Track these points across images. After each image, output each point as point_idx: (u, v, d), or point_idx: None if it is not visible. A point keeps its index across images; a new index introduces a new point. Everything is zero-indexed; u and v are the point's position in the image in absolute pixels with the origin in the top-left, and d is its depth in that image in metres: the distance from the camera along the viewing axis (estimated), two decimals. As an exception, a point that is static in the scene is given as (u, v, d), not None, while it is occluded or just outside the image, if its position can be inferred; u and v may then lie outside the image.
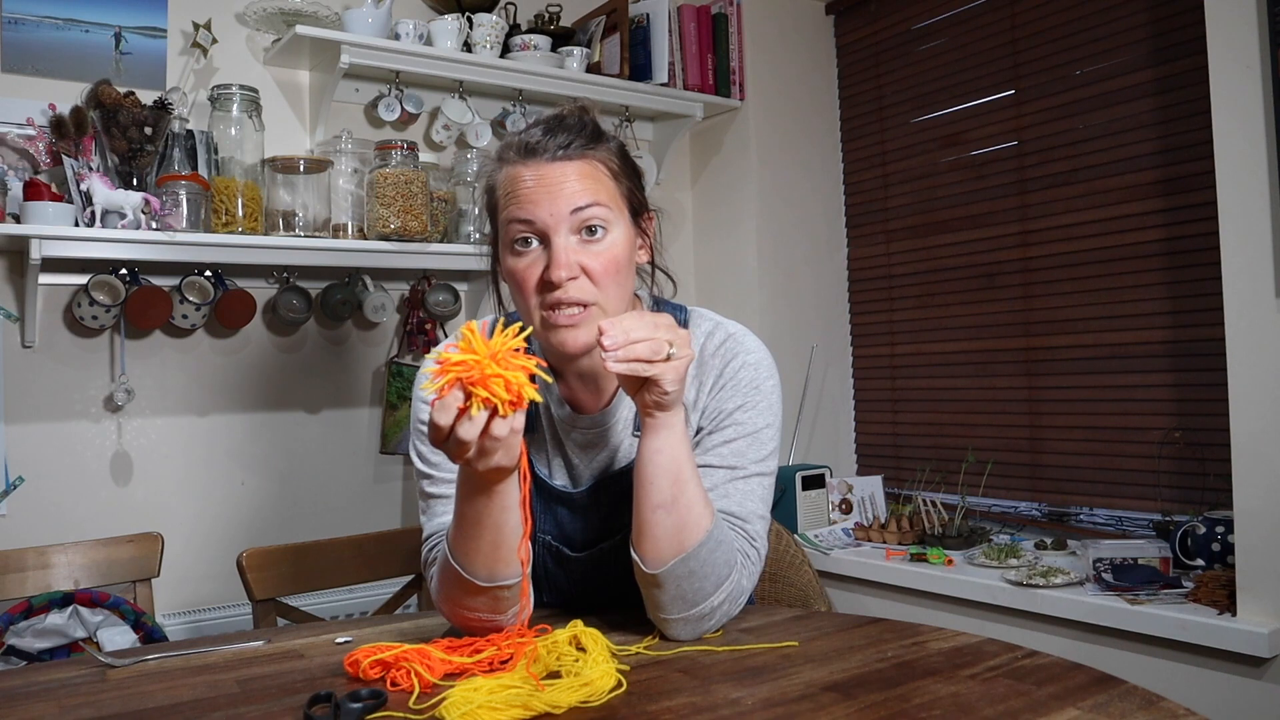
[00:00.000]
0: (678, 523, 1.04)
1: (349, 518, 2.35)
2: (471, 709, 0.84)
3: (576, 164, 1.11)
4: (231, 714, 0.89)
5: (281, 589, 1.55)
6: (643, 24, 2.68)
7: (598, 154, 1.13)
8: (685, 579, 1.05)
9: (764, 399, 1.18)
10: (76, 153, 1.91)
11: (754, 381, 1.18)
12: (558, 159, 1.10)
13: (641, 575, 1.07)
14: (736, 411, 1.17)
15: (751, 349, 1.21)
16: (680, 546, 1.04)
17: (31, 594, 1.61)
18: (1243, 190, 1.79)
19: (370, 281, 2.33)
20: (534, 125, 1.15)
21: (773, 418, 1.19)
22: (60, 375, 2.05)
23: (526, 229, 1.10)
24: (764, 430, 1.18)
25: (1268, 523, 1.76)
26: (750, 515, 1.15)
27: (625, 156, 1.17)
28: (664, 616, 1.08)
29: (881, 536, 2.55)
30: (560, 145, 1.11)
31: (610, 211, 1.12)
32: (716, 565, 1.07)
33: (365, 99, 2.40)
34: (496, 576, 1.05)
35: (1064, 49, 2.44)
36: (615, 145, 1.17)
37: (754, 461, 1.17)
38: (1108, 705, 0.85)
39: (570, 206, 1.09)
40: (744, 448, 1.17)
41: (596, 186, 1.11)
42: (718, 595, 1.07)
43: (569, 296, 1.09)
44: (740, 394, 1.18)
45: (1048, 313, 2.50)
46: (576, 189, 1.09)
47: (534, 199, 1.09)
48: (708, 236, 2.96)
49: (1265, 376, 1.77)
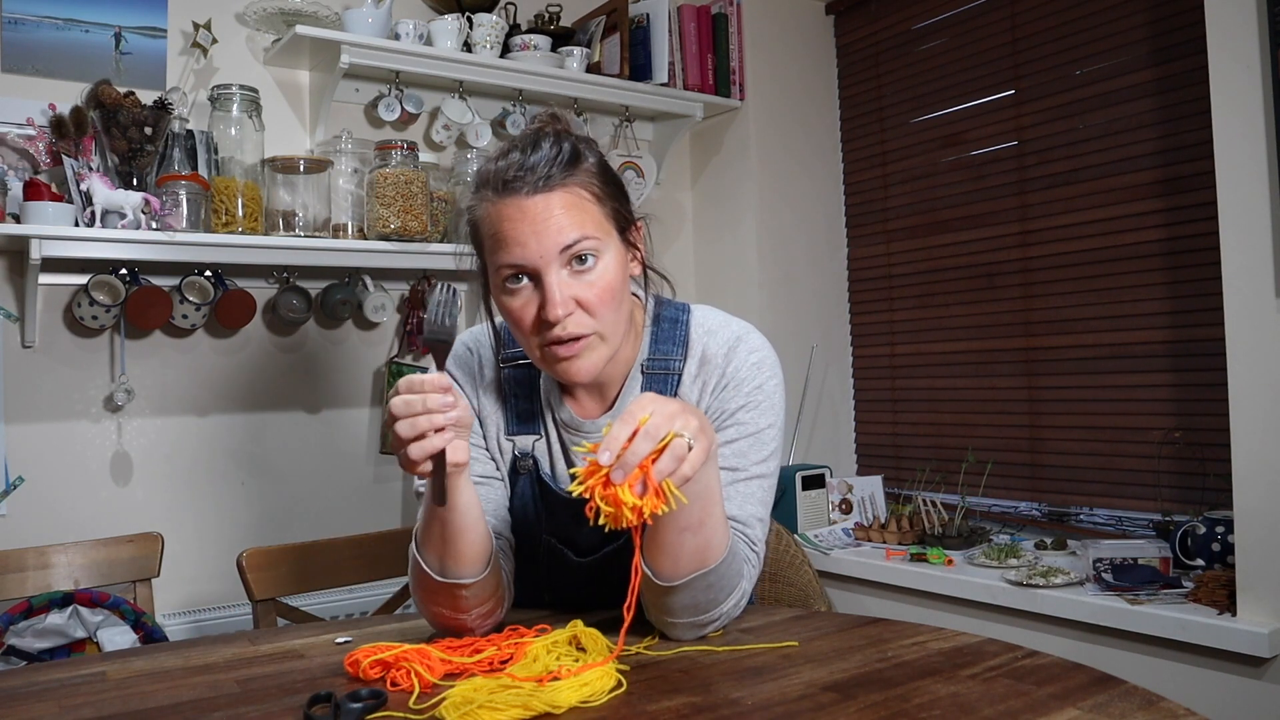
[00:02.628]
0: (702, 544, 1.02)
1: (349, 518, 2.35)
2: (471, 709, 0.84)
3: (559, 194, 1.07)
4: (231, 714, 0.89)
5: (281, 589, 1.55)
6: (643, 24, 2.68)
7: (578, 179, 1.09)
8: (702, 591, 1.05)
9: (767, 399, 1.18)
10: (76, 153, 1.91)
11: (757, 381, 1.18)
12: (539, 191, 1.07)
13: (654, 586, 1.05)
14: (739, 412, 1.16)
15: (755, 348, 1.20)
16: (701, 564, 1.03)
17: (31, 594, 1.61)
18: (1243, 190, 1.79)
19: (370, 281, 2.33)
20: (510, 150, 1.10)
21: (775, 418, 1.18)
22: (60, 375, 2.05)
23: (516, 270, 1.08)
24: (766, 430, 1.17)
25: (1268, 523, 1.76)
26: (750, 519, 1.14)
27: (606, 173, 1.14)
28: (671, 620, 1.08)
29: (881, 536, 2.55)
30: (540, 178, 1.07)
31: (598, 239, 1.09)
32: (731, 577, 1.07)
33: (365, 99, 2.40)
34: (449, 573, 1.06)
35: (1064, 49, 2.44)
36: (595, 163, 1.12)
37: (755, 463, 1.16)
38: (1108, 705, 0.85)
39: (558, 245, 1.06)
40: (745, 448, 1.16)
41: (582, 217, 1.08)
42: (728, 603, 1.08)
43: (567, 332, 1.08)
44: (743, 394, 1.17)
45: (1048, 313, 2.49)
46: (563, 224, 1.06)
47: (521, 240, 1.06)
48: (708, 237, 2.96)
49: (1265, 376, 1.77)
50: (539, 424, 1.22)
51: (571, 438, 1.21)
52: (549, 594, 1.26)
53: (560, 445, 1.22)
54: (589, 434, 1.19)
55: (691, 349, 1.21)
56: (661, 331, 1.22)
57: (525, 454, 1.22)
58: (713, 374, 1.19)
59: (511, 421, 1.23)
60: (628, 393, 1.20)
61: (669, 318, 1.23)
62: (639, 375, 1.20)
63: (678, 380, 1.19)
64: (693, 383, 1.19)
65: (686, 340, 1.21)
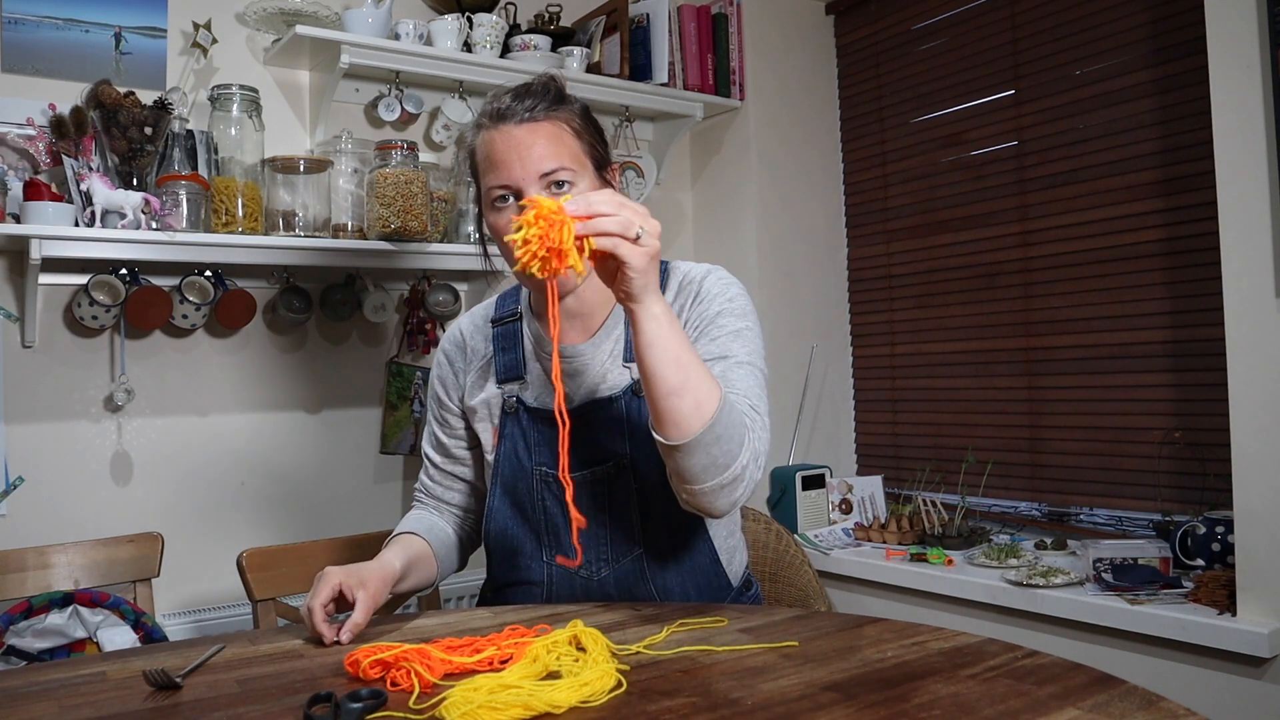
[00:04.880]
0: (693, 401, 1.09)
1: (349, 518, 2.35)
2: (471, 709, 0.84)
3: (543, 125, 1.25)
4: (231, 714, 0.89)
5: (281, 589, 1.55)
6: (643, 24, 2.68)
7: (560, 115, 1.27)
8: (713, 444, 1.10)
9: (738, 306, 1.30)
10: (76, 153, 1.91)
11: (727, 294, 1.31)
12: (525, 122, 1.25)
13: (668, 449, 1.11)
14: (718, 317, 1.29)
15: (723, 275, 1.35)
16: (702, 418, 1.09)
17: (31, 594, 1.61)
18: (1243, 190, 1.79)
19: (370, 281, 2.33)
20: (505, 93, 1.30)
21: (752, 322, 1.31)
22: (60, 375, 2.05)
23: (503, 189, 1.26)
24: (745, 331, 1.28)
25: (1268, 523, 1.76)
26: (747, 392, 1.22)
27: (587, 116, 1.32)
28: (699, 488, 1.13)
29: (881, 536, 2.55)
30: (526, 109, 1.25)
31: (574, 170, 1.26)
32: (736, 426, 1.12)
33: (365, 99, 2.40)
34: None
35: (1064, 49, 2.44)
36: (578, 107, 1.31)
37: (744, 353, 1.26)
38: (1108, 705, 0.85)
39: (539, 171, 1.24)
40: (729, 342, 1.27)
41: (560, 149, 1.25)
42: (744, 455, 1.13)
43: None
44: (719, 303, 1.30)
45: (1048, 313, 2.49)
46: (544, 153, 1.24)
47: (507, 162, 1.24)
48: (707, 237, 2.96)
49: (1265, 376, 1.77)
50: (522, 368, 1.38)
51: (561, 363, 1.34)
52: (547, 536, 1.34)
53: (545, 374, 1.35)
54: (571, 358, 1.33)
55: (670, 281, 1.36)
56: None
57: (511, 395, 1.36)
58: (689, 294, 1.33)
59: (500, 371, 1.39)
60: (613, 324, 1.35)
61: None
62: (622, 313, 1.32)
63: None
64: (673, 302, 1.32)
65: (666, 275, 1.36)
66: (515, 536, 1.36)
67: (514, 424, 1.36)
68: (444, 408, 1.45)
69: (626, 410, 1.30)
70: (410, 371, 2.42)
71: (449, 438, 1.46)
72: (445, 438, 1.46)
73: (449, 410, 1.45)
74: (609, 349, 1.34)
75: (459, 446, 1.46)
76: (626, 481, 1.30)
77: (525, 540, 1.36)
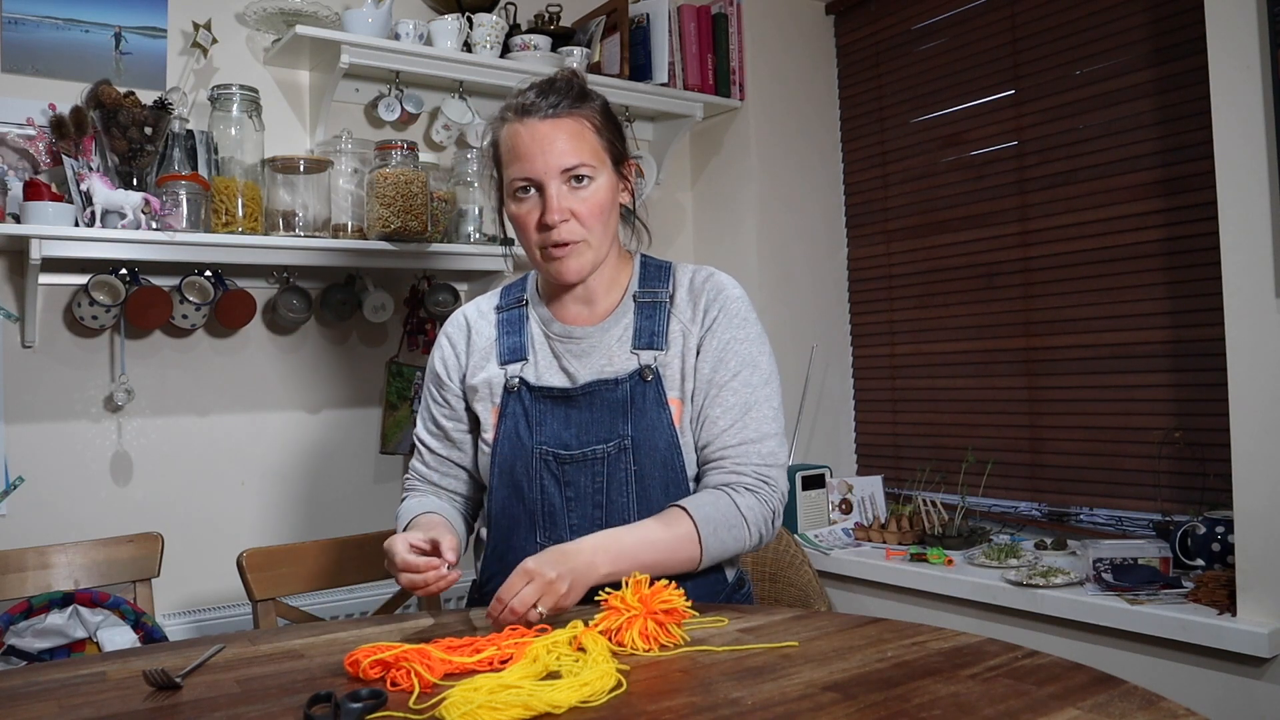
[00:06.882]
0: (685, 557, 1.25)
1: (349, 518, 2.35)
2: (471, 709, 0.84)
3: (566, 121, 1.31)
4: (231, 714, 0.89)
5: (281, 589, 1.55)
6: (643, 24, 2.68)
7: (583, 112, 1.33)
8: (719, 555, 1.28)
9: (753, 328, 1.38)
10: (76, 153, 1.91)
11: (741, 314, 1.37)
12: (548, 117, 1.31)
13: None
14: (732, 343, 1.35)
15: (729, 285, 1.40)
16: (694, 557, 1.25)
17: (31, 594, 1.61)
18: (1243, 190, 1.79)
19: (370, 281, 2.33)
20: (530, 88, 1.35)
21: (764, 342, 1.38)
22: (60, 375, 2.05)
23: (525, 181, 1.32)
24: (760, 358, 1.36)
25: (1268, 523, 1.76)
26: (764, 437, 1.33)
27: (607, 113, 1.37)
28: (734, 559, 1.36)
29: (881, 536, 2.55)
30: (550, 105, 1.31)
31: (594, 165, 1.32)
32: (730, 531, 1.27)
33: (365, 99, 2.40)
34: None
35: (1064, 49, 2.44)
36: (599, 104, 1.36)
37: (760, 385, 1.34)
38: (1108, 705, 0.85)
39: (560, 166, 1.30)
40: (749, 377, 1.34)
41: (580, 144, 1.31)
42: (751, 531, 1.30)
43: (561, 236, 1.31)
44: (733, 326, 1.36)
45: (1048, 313, 2.49)
46: (565, 148, 1.30)
47: (530, 155, 1.30)
48: (708, 237, 2.96)
49: (1265, 376, 1.77)
50: (527, 350, 1.41)
51: (564, 345, 1.39)
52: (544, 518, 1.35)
53: (551, 353, 1.40)
54: (579, 339, 1.38)
55: (675, 283, 1.42)
56: (648, 272, 1.44)
57: (514, 375, 1.39)
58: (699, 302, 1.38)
59: (504, 353, 1.42)
60: (622, 312, 1.40)
61: (654, 264, 1.45)
62: (631, 304, 1.40)
63: (669, 306, 1.39)
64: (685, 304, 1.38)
65: (669, 278, 1.42)
66: (512, 516, 1.37)
67: (515, 402, 1.37)
68: (444, 388, 1.45)
69: (631, 394, 1.33)
70: (410, 371, 2.42)
71: (448, 419, 1.45)
72: (444, 419, 1.45)
73: (449, 390, 1.44)
74: (617, 334, 1.38)
75: (458, 429, 1.45)
76: (626, 463, 1.32)
77: (521, 521, 1.36)
